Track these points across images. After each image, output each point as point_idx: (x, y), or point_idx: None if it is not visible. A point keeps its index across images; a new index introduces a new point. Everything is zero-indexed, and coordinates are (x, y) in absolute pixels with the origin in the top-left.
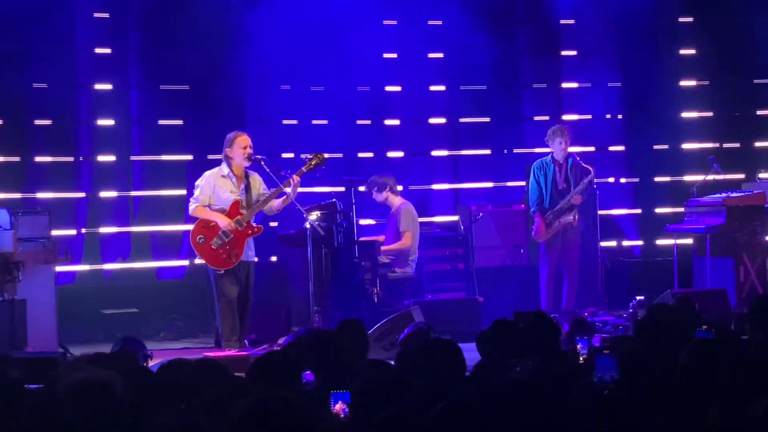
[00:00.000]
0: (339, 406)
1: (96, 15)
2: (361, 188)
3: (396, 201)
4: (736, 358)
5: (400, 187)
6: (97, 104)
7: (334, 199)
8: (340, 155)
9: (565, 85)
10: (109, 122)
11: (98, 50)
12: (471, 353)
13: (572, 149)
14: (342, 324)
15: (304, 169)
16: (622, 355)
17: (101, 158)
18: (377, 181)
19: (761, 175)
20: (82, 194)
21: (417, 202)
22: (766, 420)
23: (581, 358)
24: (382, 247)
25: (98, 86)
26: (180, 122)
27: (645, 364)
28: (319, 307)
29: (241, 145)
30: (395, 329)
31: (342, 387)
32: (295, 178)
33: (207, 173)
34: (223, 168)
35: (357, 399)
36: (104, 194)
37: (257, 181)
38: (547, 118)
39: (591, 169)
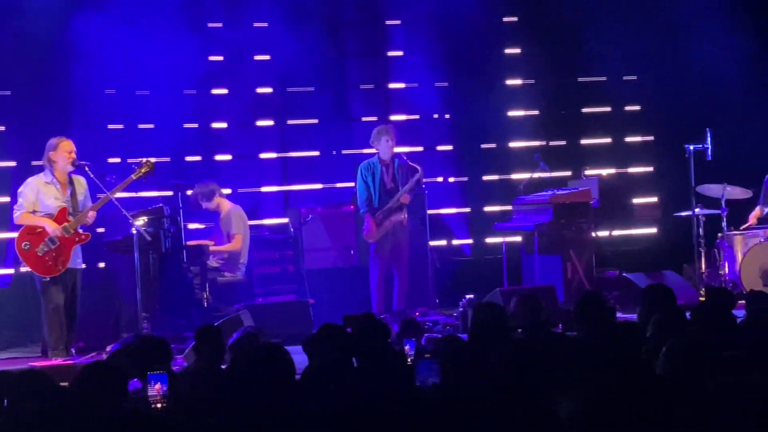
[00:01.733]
0: (158, 386)
1: None
2: (189, 192)
3: (225, 204)
4: (551, 357)
5: (228, 190)
6: None
7: (161, 204)
8: (168, 159)
9: (392, 85)
10: None
11: None
12: (302, 356)
13: (401, 149)
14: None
15: (133, 177)
16: (446, 357)
17: None
18: (202, 191)
19: (587, 172)
20: None
21: (246, 204)
22: (574, 418)
23: (409, 360)
24: (212, 248)
25: None
26: (2, 128)
27: (470, 364)
28: (147, 313)
29: (65, 150)
30: (224, 334)
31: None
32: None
33: (30, 180)
34: (47, 174)
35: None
36: None
37: (82, 186)
38: (375, 118)
39: (418, 168)
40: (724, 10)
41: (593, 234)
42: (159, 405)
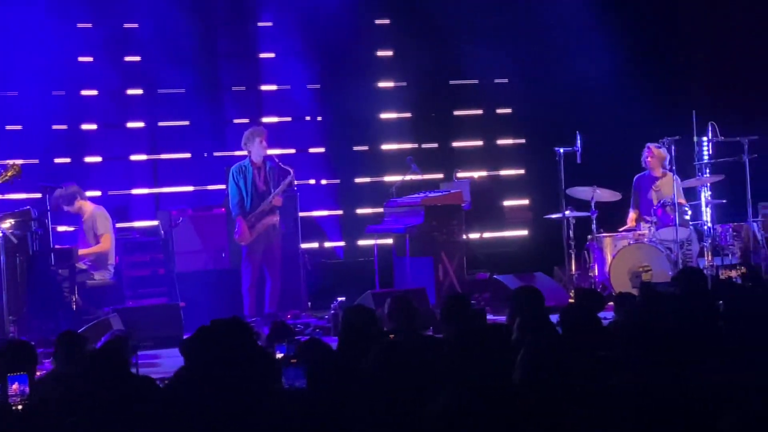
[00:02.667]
0: (16, 387)
1: None
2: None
3: (88, 207)
4: (420, 360)
5: (98, 192)
6: None
7: (28, 207)
8: (36, 161)
9: (264, 87)
10: None
11: None
12: (174, 359)
13: (273, 151)
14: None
15: None
16: (313, 360)
17: None
18: (63, 195)
19: (459, 175)
20: None
21: (116, 207)
22: (441, 417)
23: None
24: (80, 251)
25: None
26: None
27: (337, 367)
28: (14, 317)
29: None
30: (93, 338)
31: None
32: None
33: None
34: None
35: None
36: None
37: None
38: (247, 120)
39: (290, 170)
40: (593, 16)
41: (465, 236)
42: (20, 406)
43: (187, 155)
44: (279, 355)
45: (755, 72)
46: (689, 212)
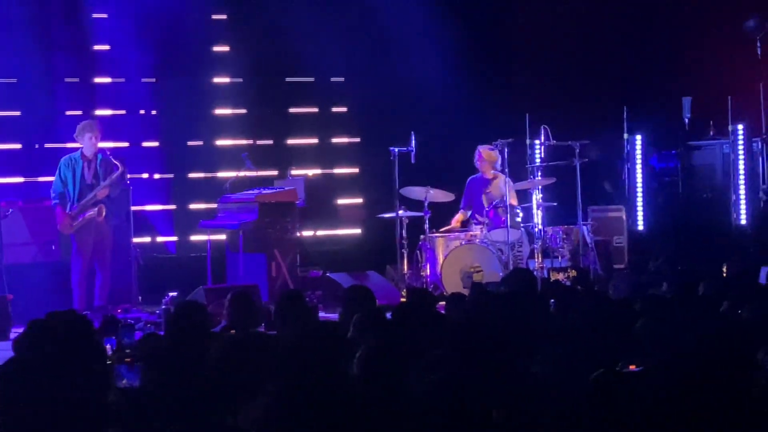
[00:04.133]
0: None
1: None
2: None
3: None
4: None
5: None
6: None
7: None
8: None
9: (98, 79)
10: None
11: None
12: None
13: (106, 144)
14: None
15: None
16: (146, 359)
17: None
18: None
19: (293, 172)
20: None
21: None
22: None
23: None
24: None
25: None
26: None
27: (171, 363)
28: None
29: None
30: None
31: None
32: None
33: None
34: None
35: None
36: None
37: None
38: (80, 112)
39: (119, 165)
40: (430, 16)
41: (298, 233)
42: None
43: (18, 146)
44: (108, 348)
45: (587, 78)
46: (521, 214)
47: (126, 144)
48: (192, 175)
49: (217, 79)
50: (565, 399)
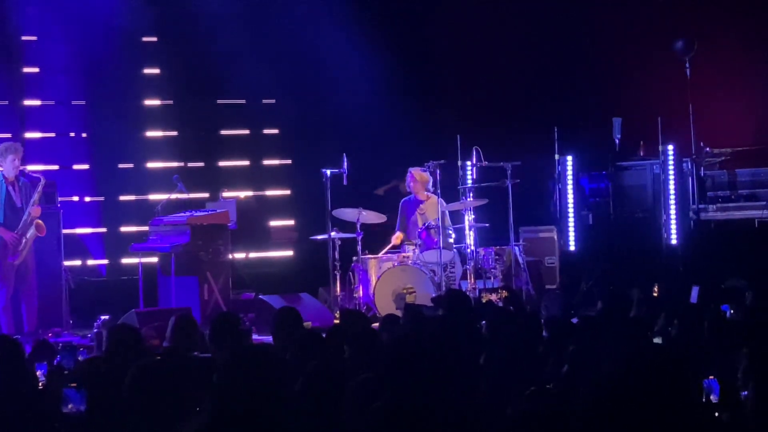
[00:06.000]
0: None
1: None
2: None
3: None
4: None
5: None
6: None
7: None
8: None
9: (27, 102)
10: None
11: None
12: None
13: (35, 167)
14: None
15: None
16: (89, 381)
17: None
18: None
19: (225, 194)
20: None
21: None
22: None
23: (40, 384)
24: None
25: None
26: None
27: (110, 388)
28: None
29: None
30: None
31: None
32: None
33: None
34: None
35: None
36: None
37: None
38: (9, 135)
39: (40, 177)
40: (361, 38)
41: (230, 256)
42: None
43: None
44: (41, 376)
45: (518, 100)
46: (453, 235)
47: (56, 167)
48: (123, 197)
49: (147, 102)
50: (497, 421)
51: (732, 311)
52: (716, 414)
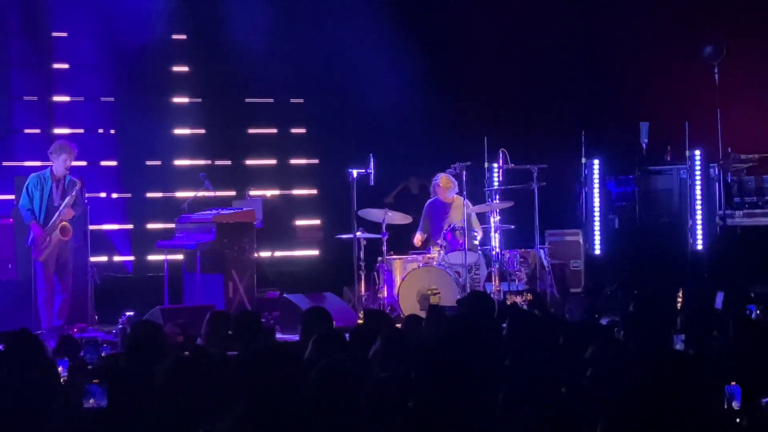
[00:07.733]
0: None
1: None
2: None
3: None
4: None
5: None
6: None
7: None
8: None
9: (56, 98)
10: None
11: None
12: None
13: None
14: None
15: None
16: (110, 377)
17: None
18: None
19: (251, 193)
20: None
21: None
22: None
23: (62, 379)
24: None
25: None
26: None
27: (131, 385)
28: None
29: None
30: None
31: None
32: None
33: None
34: None
35: None
36: None
37: None
38: (38, 131)
39: (76, 180)
40: (388, 40)
41: (256, 254)
42: None
43: None
44: (63, 372)
45: (545, 103)
46: (478, 237)
47: (84, 163)
48: (150, 194)
49: (176, 99)
50: (517, 425)
51: (759, 312)
52: (737, 420)
